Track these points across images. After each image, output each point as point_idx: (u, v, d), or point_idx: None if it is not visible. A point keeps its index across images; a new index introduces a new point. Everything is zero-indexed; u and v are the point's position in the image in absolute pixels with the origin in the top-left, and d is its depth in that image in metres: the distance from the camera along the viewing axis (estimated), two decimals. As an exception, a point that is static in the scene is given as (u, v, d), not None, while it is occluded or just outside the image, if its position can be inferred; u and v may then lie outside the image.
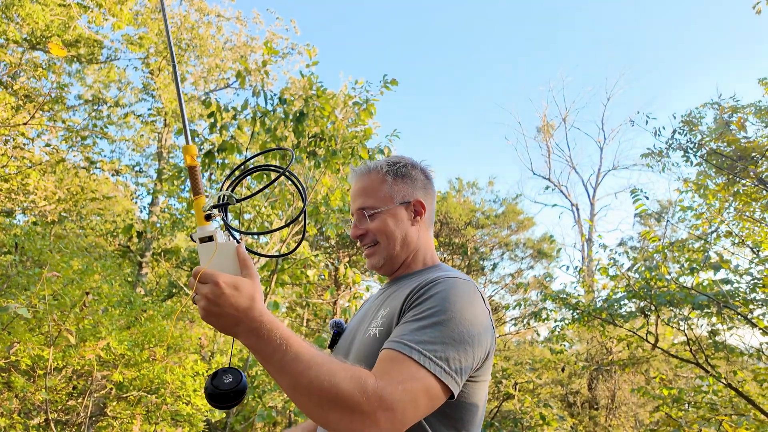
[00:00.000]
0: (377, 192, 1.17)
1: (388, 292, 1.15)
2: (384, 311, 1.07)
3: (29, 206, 8.12)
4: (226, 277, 0.83)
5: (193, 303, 0.86)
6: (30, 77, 8.47)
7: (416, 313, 0.95)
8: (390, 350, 0.89)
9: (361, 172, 1.21)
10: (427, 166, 1.26)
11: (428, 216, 1.22)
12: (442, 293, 0.96)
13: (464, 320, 0.93)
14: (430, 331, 0.90)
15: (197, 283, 0.84)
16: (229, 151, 4.66)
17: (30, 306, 3.07)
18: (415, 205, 1.18)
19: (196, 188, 0.92)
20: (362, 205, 1.16)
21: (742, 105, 5.94)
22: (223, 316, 0.82)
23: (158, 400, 3.82)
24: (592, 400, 10.01)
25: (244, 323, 0.83)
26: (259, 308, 0.84)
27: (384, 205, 1.16)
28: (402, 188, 1.18)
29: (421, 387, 0.85)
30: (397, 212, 1.16)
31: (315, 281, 5.76)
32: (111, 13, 7.58)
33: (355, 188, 1.20)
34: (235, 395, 0.86)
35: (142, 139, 13.11)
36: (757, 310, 4.00)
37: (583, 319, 4.83)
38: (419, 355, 0.86)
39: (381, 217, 1.15)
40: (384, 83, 4.94)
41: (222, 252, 0.88)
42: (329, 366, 0.81)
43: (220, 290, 0.82)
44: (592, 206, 16.93)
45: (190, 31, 12.11)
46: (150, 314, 4.48)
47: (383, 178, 1.18)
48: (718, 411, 4.05)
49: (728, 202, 5.32)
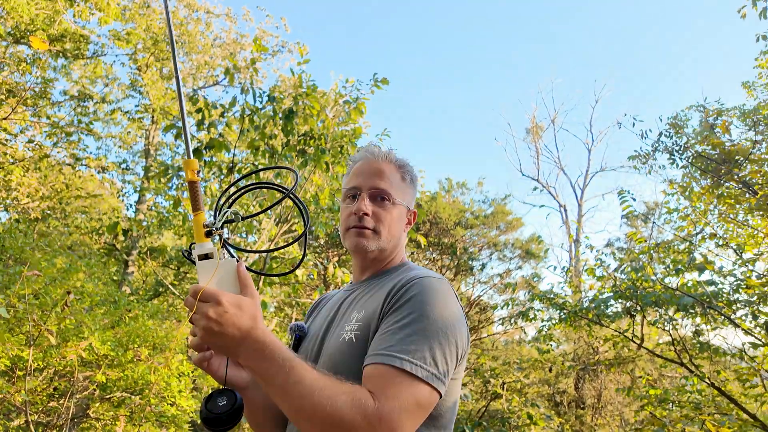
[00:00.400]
0: (397, 185, 1.17)
1: (359, 293, 1.12)
2: (358, 314, 1.04)
3: (12, 203, 7.97)
4: (229, 296, 0.82)
5: (191, 323, 0.83)
6: (13, 72, 8.31)
7: (397, 319, 0.94)
8: (380, 365, 0.88)
9: (385, 157, 1.18)
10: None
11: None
12: (419, 296, 0.96)
13: (444, 320, 0.94)
14: (416, 338, 0.90)
15: (198, 302, 0.81)
16: (217, 148, 4.61)
17: (9, 305, 3.00)
18: (412, 213, 1.22)
19: (196, 204, 0.90)
20: (384, 188, 1.13)
21: (727, 108, 6.03)
22: (226, 336, 0.81)
23: (142, 401, 3.77)
24: (578, 399, 10.11)
25: (246, 343, 0.81)
26: (261, 328, 0.83)
27: (401, 200, 1.17)
28: (410, 193, 1.21)
29: (416, 399, 0.86)
30: (402, 212, 1.18)
31: (304, 281, 5.73)
32: (98, 7, 7.47)
33: (375, 166, 1.16)
34: (229, 418, 0.85)
35: (129, 136, 12.95)
36: (740, 311, 4.06)
37: (570, 319, 4.86)
38: (411, 365, 0.87)
39: (393, 210, 1.15)
40: (374, 82, 4.93)
41: (222, 270, 0.86)
42: (331, 390, 0.81)
43: (223, 309, 0.80)
44: (580, 207, 17.10)
45: (178, 28, 11.98)
46: (135, 314, 4.41)
47: (403, 175, 1.19)
48: (701, 410, 4.10)
49: (713, 205, 5.40)
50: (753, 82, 7.13)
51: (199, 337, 0.83)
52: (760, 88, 7.06)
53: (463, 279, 12.49)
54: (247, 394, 1.03)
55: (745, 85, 7.22)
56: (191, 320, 0.83)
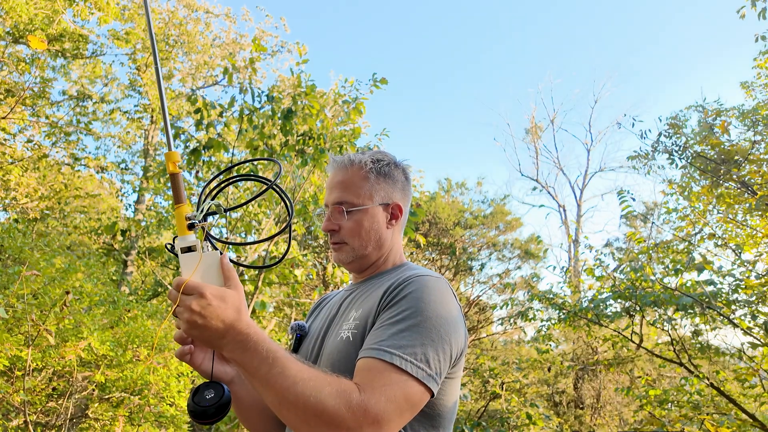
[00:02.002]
0: (358, 188, 1.12)
1: (358, 293, 1.12)
2: (356, 312, 1.04)
3: (10, 203, 7.96)
4: (213, 289, 0.81)
5: (175, 316, 0.83)
6: (12, 71, 8.29)
7: (391, 315, 0.94)
8: (370, 359, 0.88)
9: (342, 164, 1.15)
10: (408, 165, 1.23)
11: (403, 219, 1.19)
12: (415, 293, 0.95)
13: (439, 319, 0.93)
14: (408, 334, 0.89)
15: (181, 295, 0.81)
16: (215, 148, 4.61)
17: (8, 305, 2.99)
18: (393, 207, 1.16)
19: (178, 196, 0.89)
20: (340, 200, 1.12)
21: (726, 108, 6.04)
22: (209, 328, 0.80)
23: (141, 402, 3.76)
24: (577, 399, 10.11)
25: (230, 335, 0.81)
26: (245, 320, 0.82)
27: (363, 203, 1.11)
28: (383, 188, 1.14)
29: (404, 394, 0.84)
30: (375, 212, 1.13)
31: (303, 281, 5.73)
32: (97, 7, 7.45)
33: (334, 179, 1.15)
34: (216, 411, 0.85)
35: (128, 136, 12.92)
36: (738, 311, 4.06)
37: (569, 319, 4.86)
38: (400, 360, 0.86)
39: (357, 216, 1.11)
40: (373, 82, 4.93)
41: (205, 262, 0.86)
42: (315, 381, 0.80)
43: (207, 302, 0.80)
44: (579, 207, 17.10)
45: (178, 27, 11.97)
46: (134, 314, 4.40)
47: (366, 174, 1.13)
48: (700, 410, 4.11)
49: (712, 205, 5.40)
50: (752, 83, 7.14)
51: (182, 329, 0.82)
52: (759, 88, 7.07)
53: (462, 279, 12.50)
54: (233, 389, 1.02)
55: (743, 85, 7.23)
56: (175, 313, 0.83)
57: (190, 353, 0.94)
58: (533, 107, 21.94)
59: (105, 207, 12.81)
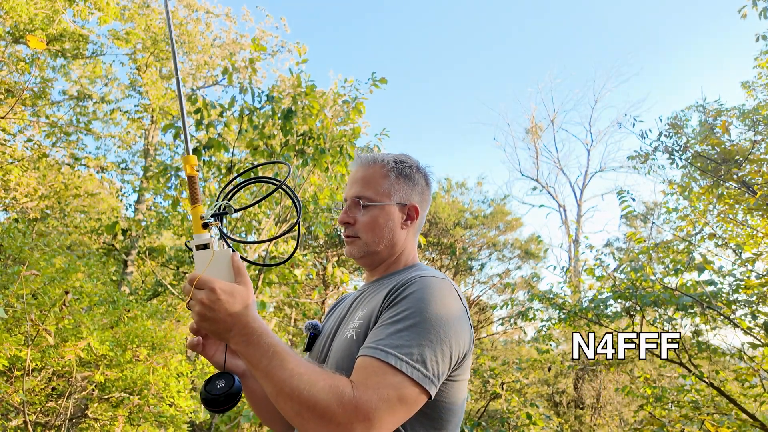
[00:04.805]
0: (377, 185, 1.15)
1: (367, 293, 1.13)
2: (362, 312, 1.05)
3: (10, 203, 7.96)
4: (222, 284, 0.87)
5: (188, 308, 0.89)
6: (12, 71, 8.29)
7: (391, 315, 0.94)
8: (366, 357, 0.89)
9: (366, 161, 1.19)
10: (430, 172, 1.25)
11: (419, 222, 1.21)
12: (417, 293, 0.95)
13: (440, 320, 0.92)
14: (406, 334, 0.89)
15: (193, 289, 0.87)
16: (215, 148, 4.61)
17: (8, 305, 2.99)
18: (410, 209, 1.18)
19: (195, 197, 0.95)
20: (359, 194, 1.15)
21: (726, 108, 6.03)
22: (218, 321, 0.86)
23: (141, 402, 3.76)
24: (577, 399, 10.11)
25: (236, 329, 0.86)
26: (252, 315, 0.87)
27: (380, 200, 1.14)
28: (402, 188, 1.17)
29: (397, 393, 0.84)
30: (391, 211, 1.15)
31: (303, 281, 5.73)
32: (97, 7, 7.45)
33: (355, 175, 1.19)
34: (226, 399, 0.90)
35: (128, 135, 12.92)
36: (739, 311, 4.06)
37: (569, 318, 4.86)
38: (396, 360, 0.86)
39: (373, 212, 1.13)
40: (373, 81, 4.92)
41: (217, 259, 0.92)
42: (310, 376, 0.83)
43: (216, 296, 0.85)
44: (579, 207, 17.10)
45: (178, 27, 11.96)
46: (134, 314, 4.40)
47: (387, 173, 1.16)
48: (700, 410, 4.10)
49: (712, 205, 5.40)
50: (752, 82, 7.13)
51: (194, 321, 0.89)
52: (760, 88, 7.06)
53: (462, 279, 12.50)
54: (247, 382, 1.08)
55: (744, 85, 7.22)
56: (188, 306, 0.89)
57: (200, 344, 1.01)
58: (533, 107, 21.93)
59: (105, 207, 12.81)
